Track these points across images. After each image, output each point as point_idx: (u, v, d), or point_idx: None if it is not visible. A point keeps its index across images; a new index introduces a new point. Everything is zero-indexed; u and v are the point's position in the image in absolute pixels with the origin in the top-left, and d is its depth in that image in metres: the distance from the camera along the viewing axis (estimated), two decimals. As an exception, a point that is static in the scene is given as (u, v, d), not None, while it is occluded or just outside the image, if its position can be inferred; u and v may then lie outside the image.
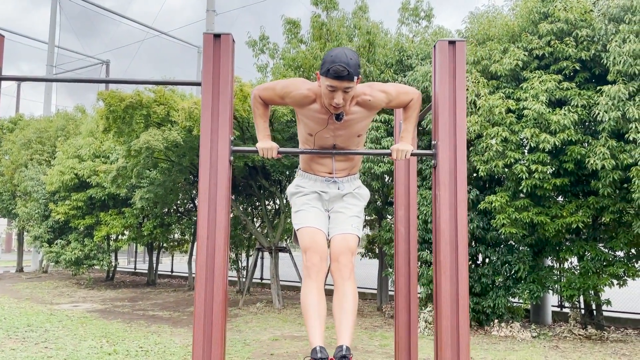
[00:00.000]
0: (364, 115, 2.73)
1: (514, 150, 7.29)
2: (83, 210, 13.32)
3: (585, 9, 7.39)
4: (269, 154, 2.72)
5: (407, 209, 3.31)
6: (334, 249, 2.79)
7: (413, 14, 10.32)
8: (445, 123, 2.46)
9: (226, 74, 2.47)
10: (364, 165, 8.29)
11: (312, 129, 2.76)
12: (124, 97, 8.52)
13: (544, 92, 7.12)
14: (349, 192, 2.92)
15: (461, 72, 2.48)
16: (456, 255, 2.39)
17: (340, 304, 2.66)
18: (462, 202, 2.38)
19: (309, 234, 2.78)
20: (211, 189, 2.41)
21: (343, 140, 2.79)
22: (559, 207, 7.58)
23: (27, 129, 16.29)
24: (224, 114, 2.45)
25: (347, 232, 2.80)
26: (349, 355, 2.48)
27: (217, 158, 2.43)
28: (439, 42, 2.51)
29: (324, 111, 2.69)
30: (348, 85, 2.51)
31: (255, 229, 11.33)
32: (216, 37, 2.49)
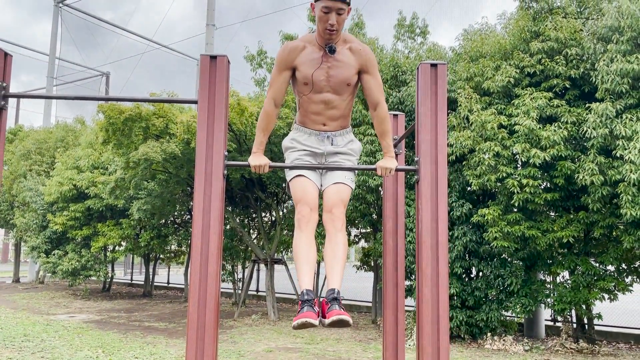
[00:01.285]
0: (352, 62, 2.87)
1: (505, 164, 7.44)
2: (81, 221, 13.41)
3: (575, 28, 7.59)
4: (260, 170, 2.86)
5: (394, 221, 3.44)
6: (328, 199, 2.93)
7: (409, 30, 10.53)
8: (427, 141, 2.61)
9: (221, 93, 2.61)
10: (359, 178, 8.43)
11: (308, 75, 2.86)
12: (123, 109, 8.67)
13: (535, 108, 7.29)
14: (342, 149, 3.04)
15: (442, 93, 2.63)
16: (437, 264, 2.52)
17: (333, 252, 2.82)
18: (442, 215, 2.51)
19: (300, 184, 2.92)
20: (205, 200, 2.54)
21: (335, 84, 2.89)
22: (550, 221, 7.71)
23: (26, 139, 16.43)
24: (218, 130, 2.59)
25: (341, 181, 2.94)
26: (339, 297, 2.66)
27: (212, 171, 2.56)
28: (421, 64, 2.66)
29: (317, 49, 2.85)
30: (341, 6, 2.70)
31: (251, 241, 11.42)
32: (212, 58, 2.63)
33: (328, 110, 2.96)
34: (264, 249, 11.21)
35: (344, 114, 3.03)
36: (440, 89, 2.62)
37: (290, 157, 3.06)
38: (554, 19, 7.73)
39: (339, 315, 2.53)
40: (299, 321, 2.52)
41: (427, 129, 2.61)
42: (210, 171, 2.56)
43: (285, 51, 2.88)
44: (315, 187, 2.95)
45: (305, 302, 2.64)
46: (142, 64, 28.45)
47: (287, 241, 11.84)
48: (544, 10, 8.04)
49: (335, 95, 2.93)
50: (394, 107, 8.73)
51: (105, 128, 9.28)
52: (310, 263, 2.80)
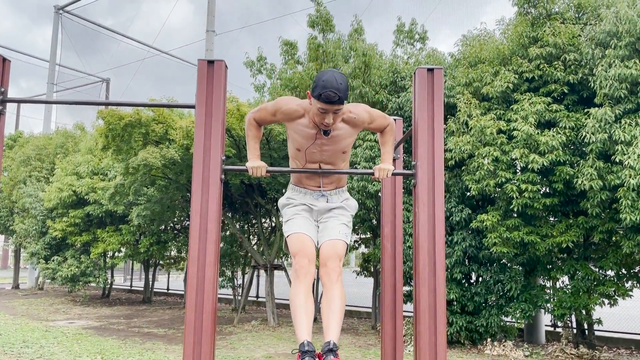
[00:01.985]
0: (349, 132, 2.93)
1: (504, 169, 7.44)
2: (80, 227, 13.40)
3: (573, 33, 7.61)
4: (258, 173, 2.90)
5: (392, 226, 3.44)
6: (323, 254, 2.97)
7: (408, 36, 10.56)
8: (424, 145, 2.61)
9: (218, 97, 2.62)
10: (358, 183, 8.43)
11: (301, 145, 2.94)
12: (123, 115, 8.69)
13: (534, 113, 7.30)
14: (337, 204, 3.10)
15: (439, 98, 2.64)
16: (434, 268, 2.52)
17: (329, 305, 2.83)
18: (439, 218, 2.51)
19: (298, 239, 2.97)
20: (203, 205, 2.54)
21: (329, 156, 2.97)
22: (550, 226, 7.70)
23: (26, 146, 16.45)
24: (216, 135, 2.60)
25: (335, 238, 2.99)
26: (335, 349, 2.68)
27: (209, 176, 2.56)
28: (418, 69, 2.67)
29: (312, 126, 2.88)
30: (338, 108, 2.73)
31: (251, 247, 11.41)
32: (210, 63, 2.65)
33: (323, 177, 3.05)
34: (264, 254, 11.19)
35: (339, 176, 3.11)
36: (437, 93, 2.62)
37: (288, 213, 3.13)
38: (553, 25, 7.75)
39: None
40: None
41: (425, 133, 2.61)
42: (208, 175, 2.56)
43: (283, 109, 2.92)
44: (312, 241, 3.01)
45: (305, 354, 2.65)
46: (142, 70, 28.55)
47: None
48: (542, 15, 8.06)
49: (330, 165, 3.01)
50: (393, 112, 8.75)
51: (104, 134, 9.29)
52: (309, 315, 2.82)
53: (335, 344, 2.68)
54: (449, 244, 8.21)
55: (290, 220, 3.07)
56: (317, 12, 10.04)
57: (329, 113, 2.73)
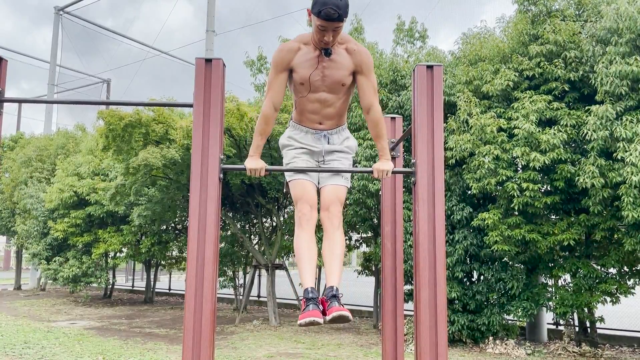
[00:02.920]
0: (347, 63, 2.88)
1: (505, 168, 7.42)
2: (81, 227, 13.40)
3: (574, 31, 7.59)
4: (257, 174, 2.88)
5: (393, 225, 3.42)
6: (325, 199, 2.96)
7: (408, 35, 10.52)
8: (424, 142, 2.60)
9: (217, 96, 2.61)
10: (359, 182, 8.41)
11: (304, 76, 2.87)
12: (123, 116, 8.68)
13: (535, 111, 7.27)
14: (338, 147, 3.07)
15: (438, 95, 2.62)
16: (434, 266, 2.50)
17: (331, 249, 2.85)
18: (439, 217, 2.50)
19: (299, 184, 2.95)
20: (201, 204, 2.53)
21: (331, 84, 2.90)
22: (551, 224, 7.68)
23: (27, 147, 16.45)
24: (214, 134, 2.58)
25: (337, 183, 2.98)
26: (338, 294, 2.70)
27: (208, 175, 2.55)
28: (417, 66, 2.66)
29: (312, 50, 2.85)
30: (338, 25, 2.69)
31: (252, 247, 11.41)
32: (207, 61, 2.63)
33: (324, 109, 2.98)
34: (265, 254, 11.18)
35: (340, 112, 3.05)
36: (437, 90, 2.61)
37: (288, 155, 3.09)
38: (553, 22, 7.72)
39: (339, 311, 2.59)
40: (305, 320, 2.57)
41: (424, 131, 2.60)
42: (206, 175, 2.55)
43: (282, 53, 2.88)
44: (314, 186, 2.99)
45: (309, 300, 2.67)
46: (142, 71, 28.55)
47: (288, 246, 11.81)
48: (543, 13, 8.04)
49: (331, 94, 2.95)
50: (394, 111, 8.73)
51: (105, 134, 9.29)
52: (312, 261, 2.84)
53: (337, 289, 2.73)
54: (450, 242, 8.19)
55: (291, 163, 3.05)
56: (316, 11, 10.01)
57: (328, 31, 2.69)
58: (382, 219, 3.49)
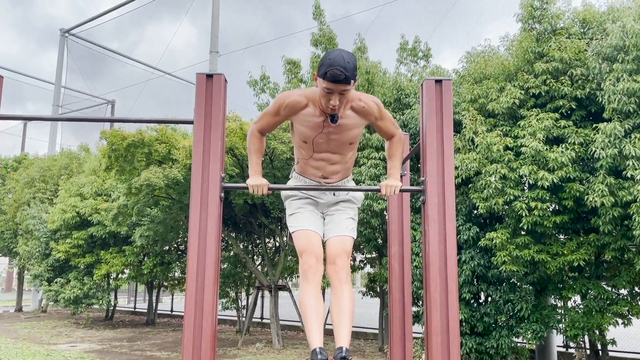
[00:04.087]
0: (357, 122, 2.78)
1: (513, 187, 7.30)
2: (84, 248, 13.29)
3: (579, 48, 7.53)
4: (259, 191, 2.77)
5: (400, 245, 3.31)
6: (331, 251, 2.84)
7: (411, 54, 10.52)
8: (433, 159, 2.50)
9: (218, 112, 2.52)
10: (363, 202, 8.29)
11: (307, 136, 2.78)
12: (126, 135, 8.63)
13: (541, 130, 7.18)
14: (343, 197, 2.98)
15: (448, 110, 2.53)
16: (446, 288, 2.38)
17: (339, 306, 2.70)
18: (451, 237, 2.38)
19: (304, 236, 2.83)
20: (201, 224, 2.43)
21: (337, 146, 2.82)
22: (560, 244, 7.53)
23: (31, 167, 16.44)
24: (215, 151, 2.49)
25: (343, 234, 2.87)
26: (347, 356, 2.53)
27: (208, 194, 2.45)
28: (425, 80, 2.57)
29: (318, 114, 2.73)
30: (345, 88, 2.56)
31: (255, 267, 11.26)
32: (209, 77, 2.55)
33: (329, 167, 2.91)
34: (268, 275, 11.02)
35: (346, 167, 2.97)
36: (446, 105, 2.52)
37: (292, 206, 2.99)
38: (558, 40, 7.67)
39: None
40: None
41: (433, 147, 2.50)
42: (207, 193, 2.45)
43: (286, 103, 2.77)
44: (319, 238, 2.87)
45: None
46: (147, 92, 28.69)
47: (291, 267, 11.66)
48: (547, 31, 7.99)
49: (337, 154, 2.87)
50: (398, 130, 8.65)
51: (107, 154, 9.24)
52: (319, 317, 2.68)
53: (347, 350, 2.56)
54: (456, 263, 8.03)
55: (295, 214, 2.93)
56: (320, 30, 10.03)
57: (334, 94, 2.57)
58: (389, 239, 3.38)
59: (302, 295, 2.73)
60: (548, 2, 8.07)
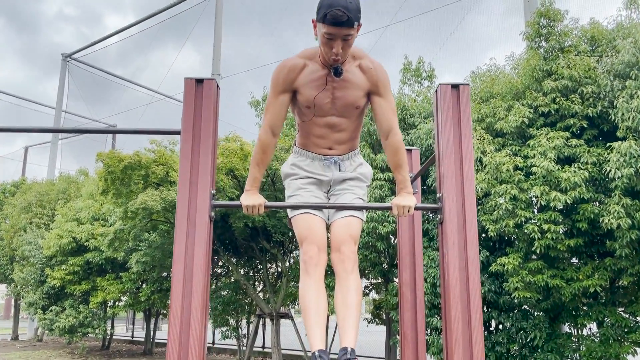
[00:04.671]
0: (362, 82, 2.48)
1: (524, 209, 7.00)
2: (79, 275, 12.94)
3: (589, 65, 7.31)
4: (255, 212, 2.44)
5: (412, 271, 3.00)
6: (336, 236, 2.49)
7: (415, 74, 10.34)
8: (451, 173, 2.21)
9: (208, 121, 2.25)
10: (368, 224, 7.99)
11: (310, 98, 2.47)
12: (122, 157, 8.39)
13: (552, 149, 6.91)
14: (350, 174, 2.64)
15: (466, 118, 2.26)
16: (469, 322, 2.07)
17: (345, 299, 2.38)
18: (473, 261, 2.08)
19: (305, 221, 2.49)
20: (188, 248, 2.13)
21: (342, 107, 2.50)
22: (574, 269, 7.20)
23: (28, 192, 16.19)
24: (204, 165, 2.21)
25: (350, 214, 2.53)
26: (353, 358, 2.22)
27: (196, 213, 2.17)
28: (440, 85, 2.31)
29: (319, 68, 2.45)
30: (348, 32, 2.26)
31: (256, 294, 10.88)
32: (198, 82, 2.29)
33: (334, 134, 2.57)
34: (270, 302, 10.64)
35: (352, 136, 2.64)
36: (464, 113, 2.25)
37: (292, 186, 2.65)
38: (566, 57, 7.46)
39: None
40: None
41: (451, 159, 2.21)
42: (195, 212, 2.17)
43: (284, 71, 2.49)
44: (323, 222, 2.54)
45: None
46: (148, 116, 28.63)
47: (294, 294, 11.27)
48: (555, 49, 7.79)
49: (342, 118, 2.54)
50: (403, 150, 8.39)
51: (104, 177, 8.98)
52: (321, 315, 2.37)
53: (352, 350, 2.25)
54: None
55: (295, 196, 2.59)
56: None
57: (337, 39, 2.28)
58: (399, 265, 3.07)
59: (302, 291, 2.43)
60: (555, 20, 7.90)
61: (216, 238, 10.60)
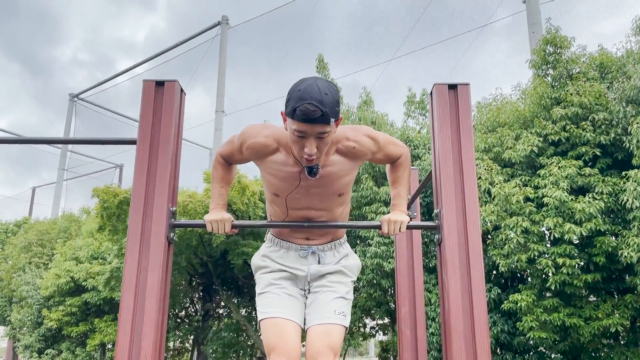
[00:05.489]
0: (347, 167, 2.09)
1: (536, 242, 6.60)
2: (77, 316, 12.52)
3: (600, 92, 7.04)
4: (221, 229, 2.08)
5: (412, 305, 2.64)
6: (311, 347, 2.06)
7: (419, 107, 10.13)
8: (450, 185, 1.88)
9: (168, 128, 1.96)
10: (372, 260, 7.60)
11: (280, 189, 2.11)
12: (117, 192, 8.14)
13: (565, 178, 6.57)
14: (332, 267, 2.22)
15: (466, 122, 1.95)
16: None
17: None
18: (478, 287, 1.73)
19: (274, 327, 2.07)
20: (140, 276, 1.80)
21: (321, 200, 2.13)
22: (593, 307, 6.73)
23: (30, 231, 15.96)
24: (162, 178, 1.91)
25: (329, 322, 2.09)
26: None
27: (151, 233, 1.85)
28: (435, 86, 2.01)
29: (292, 163, 2.05)
30: (322, 130, 1.86)
31: (257, 336, 10.40)
32: (159, 84, 2.00)
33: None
34: (271, 344, 10.15)
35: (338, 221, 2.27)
36: (464, 115, 1.94)
37: (262, 282, 2.24)
38: (575, 84, 7.20)
39: None
40: None
41: (449, 170, 1.89)
42: (149, 233, 1.84)
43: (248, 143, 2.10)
44: (297, 328, 2.12)
45: None
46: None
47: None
48: (563, 76, 7.55)
49: (322, 210, 2.18)
50: (408, 183, 8.07)
51: (100, 213, 8.71)
52: None
53: None
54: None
55: (265, 293, 2.18)
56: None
57: (308, 138, 1.87)
58: (397, 298, 2.71)
59: None
60: (561, 47, 7.69)
61: (216, 276, 10.22)
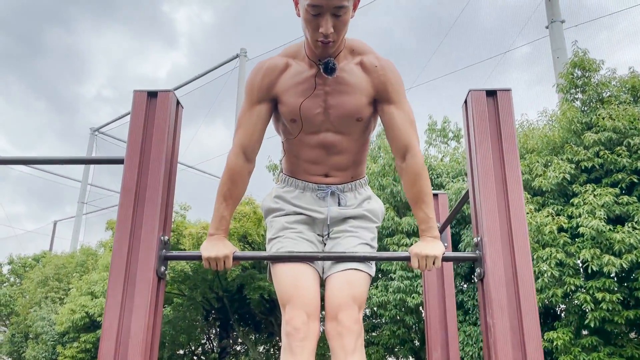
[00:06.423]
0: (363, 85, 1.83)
1: (572, 275, 6.16)
2: (92, 353, 12.18)
3: (635, 115, 6.67)
4: (220, 267, 1.75)
5: (444, 349, 2.30)
6: (332, 299, 1.76)
7: (441, 135, 9.86)
8: (492, 207, 1.57)
9: (161, 144, 1.69)
10: (395, 296, 7.20)
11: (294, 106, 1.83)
12: (131, 225, 7.93)
13: (601, 207, 6.16)
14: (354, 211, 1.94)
15: (509, 132, 1.65)
16: None
17: None
18: (532, 333, 1.40)
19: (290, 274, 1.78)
20: (123, 317, 1.51)
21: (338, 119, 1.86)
22: (635, 345, 6.22)
23: (47, 265, 15.84)
24: (152, 202, 1.63)
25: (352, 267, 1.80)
26: None
27: (137, 267, 1.56)
28: (471, 92, 1.72)
29: (307, 67, 1.82)
30: (339, 3, 1.66)
31: (275, 375, 9.96)
32: (151, 95, 1.75)
33: (330, 157, 1.92)
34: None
35: (356, 159, 1.97)
36: (506, 125, 1.64)
37: (275, 226, 1.96)
38: (607, 108, 6.85)
39: None
40: None
41: (491, 189, 1.58)
42: (135, 266, 1.56)
43: (259, 74, 1.87)
44: (315, 275, 1.83)
45: None
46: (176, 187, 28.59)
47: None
48: (593, 100, 7.21)
49: (340, 135, 1.89)
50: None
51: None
52: None
53: None
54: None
55: (277, 238, 1.90)
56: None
57: (325, 14, 1.67)
58: (427, 342, 2.37)
59: None
60: (590, 70, 7.37)
61: (233, 312, 9.87)
